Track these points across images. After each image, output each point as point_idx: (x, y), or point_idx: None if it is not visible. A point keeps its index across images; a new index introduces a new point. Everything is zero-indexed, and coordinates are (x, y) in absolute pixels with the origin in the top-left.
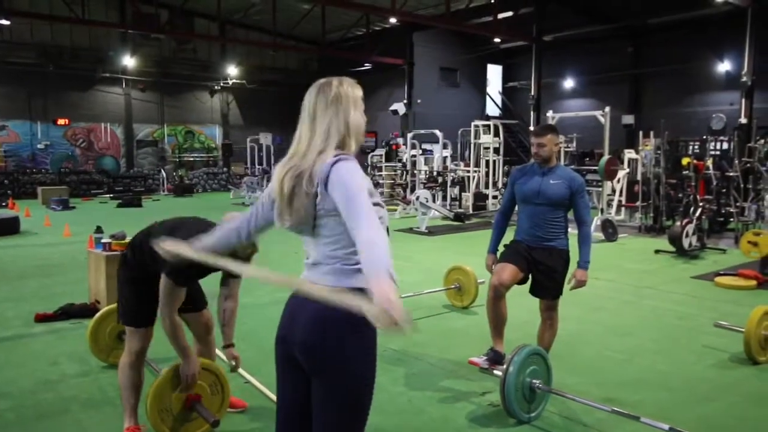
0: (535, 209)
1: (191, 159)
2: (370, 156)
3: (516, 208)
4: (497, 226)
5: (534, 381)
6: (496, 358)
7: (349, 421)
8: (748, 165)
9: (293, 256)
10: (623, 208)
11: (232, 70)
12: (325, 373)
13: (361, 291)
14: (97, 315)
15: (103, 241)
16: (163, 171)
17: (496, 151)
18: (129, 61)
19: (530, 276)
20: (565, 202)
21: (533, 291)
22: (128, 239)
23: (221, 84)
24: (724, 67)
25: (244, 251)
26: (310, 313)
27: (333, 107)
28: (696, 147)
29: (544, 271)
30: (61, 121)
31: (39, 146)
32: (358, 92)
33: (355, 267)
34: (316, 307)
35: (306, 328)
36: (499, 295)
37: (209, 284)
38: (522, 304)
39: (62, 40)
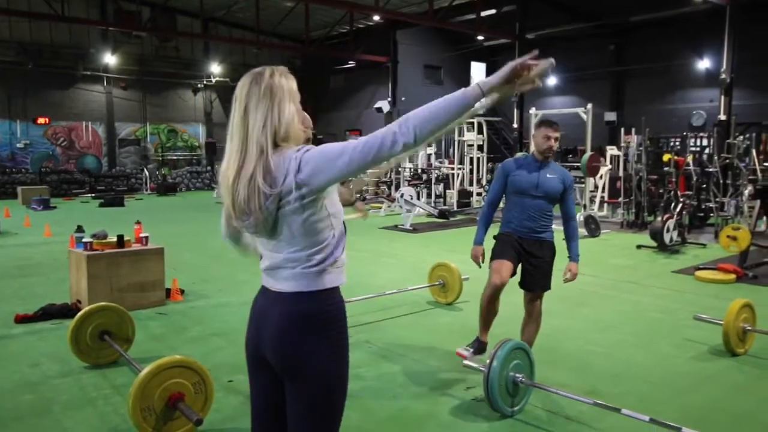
0: (532, 202)
1: (174, 158)
2: None
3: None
4: (485, 218)
5: (517, 375)
6: (480, 348)
7: (322, 421)
8: (727, 161)
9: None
10: (606, 204)
11: (215, 68)
12: (295, 375)
13: (326, 292)
14: (78, 315)
15: (84, 240)
16: (145, 170)
17: (480, 148)
18: (110, 59)
19: (520, 268)
20: (557, 196)
21: (524, 284)
22: (110, 238)
23: (204, 82)
24: (703, 64)
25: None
26: (277, 316)
27: (266, 100)
28: (677, 143)
29: (536, 263)
30: (41, 120)
31: (19, 145)
32: (293, 83)
33: (317, 269)
34: (284, 309)
35: (274, 331)
36: (499, 293)
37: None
38: (505, 300)
39: (42, 37)
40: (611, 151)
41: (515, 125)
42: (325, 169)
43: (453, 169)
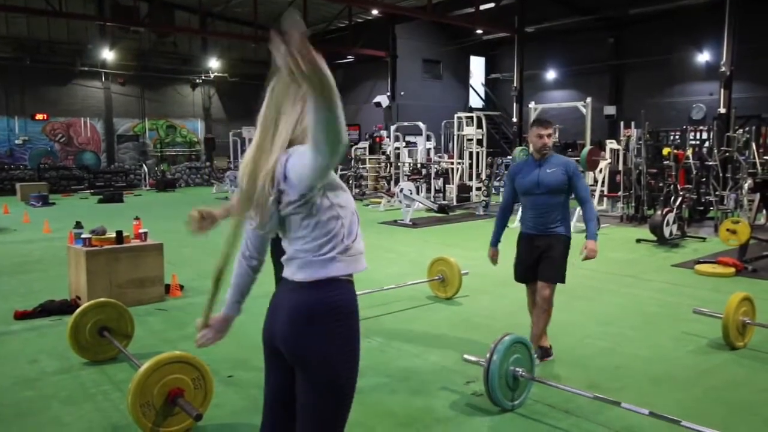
0: (537, 199)
1: (173, 153)
2: (353, 149)
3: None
4: (499, 222)
5: (517, 369)
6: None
7: (332, 412)
8: (727, 154)
9: None
10: (605, 198)
11: (214, 63)
12: (306, 365)
13: (337, 282)
14: (78, 311)
15: (83, 236)
16: (144, 166)
17: (480, 142)
18: (108, 55)
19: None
20: (563, 187)
21: (535, 274)
22: (109, 234)
23: (203, 77)
24: (703, 57)
25: None
26: (291, 308)
27: (301, 103)
28: (676, 137)
29: (545, 257)
30: (39, 116)
31: (17, 142)
32: None
33: (328, 257)
34: (297, 299)
35: (287, 322)
36: (533, 298)
37: None
38: (507, 294)
39: (39, 33)
40: (611, 144)
41: (515, 119)
42: (300, 169)
43: (452, 163)
